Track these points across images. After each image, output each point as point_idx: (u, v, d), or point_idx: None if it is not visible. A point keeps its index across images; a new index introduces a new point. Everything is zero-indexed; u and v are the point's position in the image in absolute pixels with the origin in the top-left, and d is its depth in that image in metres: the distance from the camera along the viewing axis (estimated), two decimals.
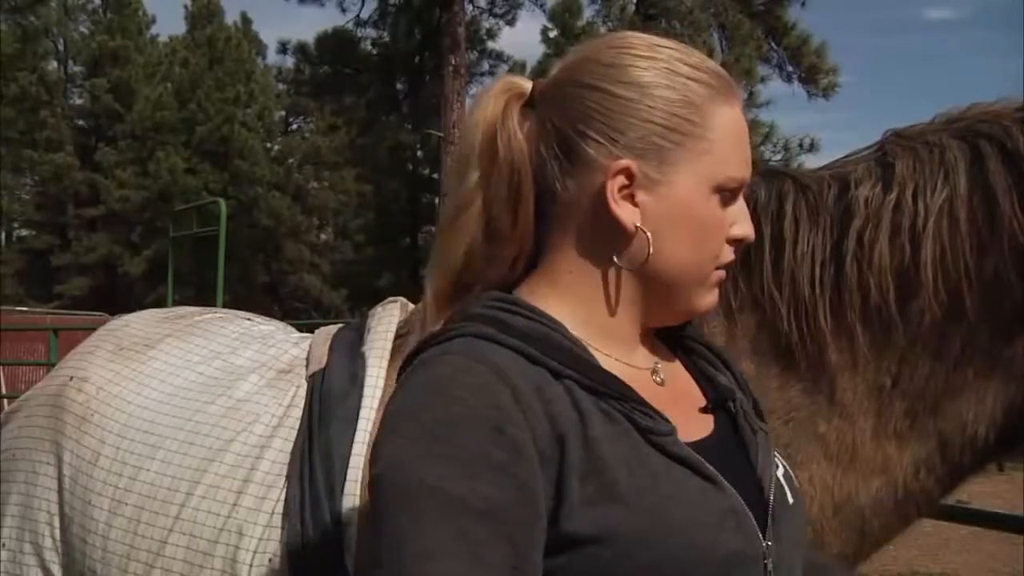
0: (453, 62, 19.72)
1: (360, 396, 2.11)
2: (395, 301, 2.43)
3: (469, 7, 22.66)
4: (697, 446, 1.24)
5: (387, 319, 2.32)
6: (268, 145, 40.30)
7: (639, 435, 1.18)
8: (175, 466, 2.20)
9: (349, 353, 2.26)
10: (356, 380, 2.16)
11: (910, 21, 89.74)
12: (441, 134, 19.80)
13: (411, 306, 2.45)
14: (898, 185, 1.80)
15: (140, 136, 37.95)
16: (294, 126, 44.72)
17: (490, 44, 27.38)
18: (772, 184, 1.96)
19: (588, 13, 23.90)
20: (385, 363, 2.19)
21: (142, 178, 36.95)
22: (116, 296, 35.14)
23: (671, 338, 1.44)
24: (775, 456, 1.38)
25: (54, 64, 42.57)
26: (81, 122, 42.75)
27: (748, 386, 1.46)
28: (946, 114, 1.90)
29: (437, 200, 22.83)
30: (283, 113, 43.54)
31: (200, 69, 37.67)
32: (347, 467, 2.00)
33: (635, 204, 1.27)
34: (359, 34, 24.00)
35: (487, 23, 26.33)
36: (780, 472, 1.36)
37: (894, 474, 1.81)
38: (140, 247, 37.83)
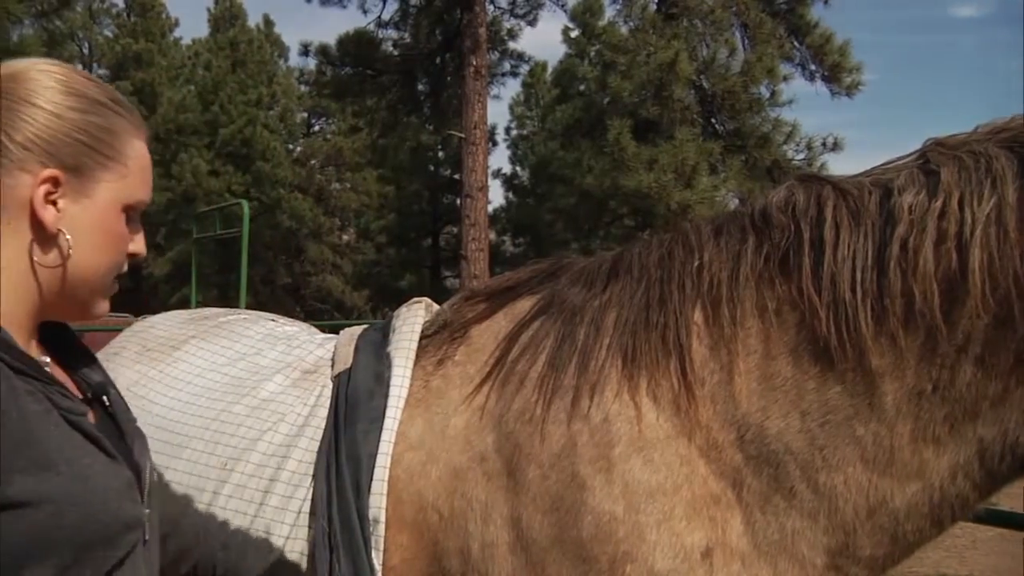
0: (474, 63, 19.70)
1: (386, 395, 2.13)
2: (419, 302, 2.44)
3: (490, 8, 22.65)
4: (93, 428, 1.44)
5: (412, 320, 2.33)
6: (290, 147, 40.44)
7: (59, 413, 1.36)
8: (201, 465, 2.22)
9: (374, 353, 2.27)
10: (382, 380, 2.17)
11: (935, 18, 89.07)
12: (462, 135, 19.78)
13: (435, 306, 2.45)
14: (944, 192, 1.80)
15: (163, 138, 38.11)
16: (316, 127, 44.81)
17: (511, 44, 27.26)
18: (810, 189, 1.97)
19: (609, 12, 23.92)
20: (411, 363, 2.20)
21: (166, 180, 37.09)
22: (140, 297, 35.30)
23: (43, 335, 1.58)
24: (147, 446, 1.61)
25: (79, 67, 42.80)
26: None
27: (116, 385, 1.66)
28: (989, 124, 1.90)
29: (459, 200, 22.80)
30: (305, 115, 43.65)
31: (223, 71, 37.84)
32: (374, 465, 2.02)
33: (58, 210, 1.44)
34: (380, 35, 24.00)
35: (508, 23, 26.25)
36: (152, 461, 1.60)
37: (931, 479, 1.80)
38: (164, 248, 38.00)
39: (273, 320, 2.72)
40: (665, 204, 18.63)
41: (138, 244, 1.58)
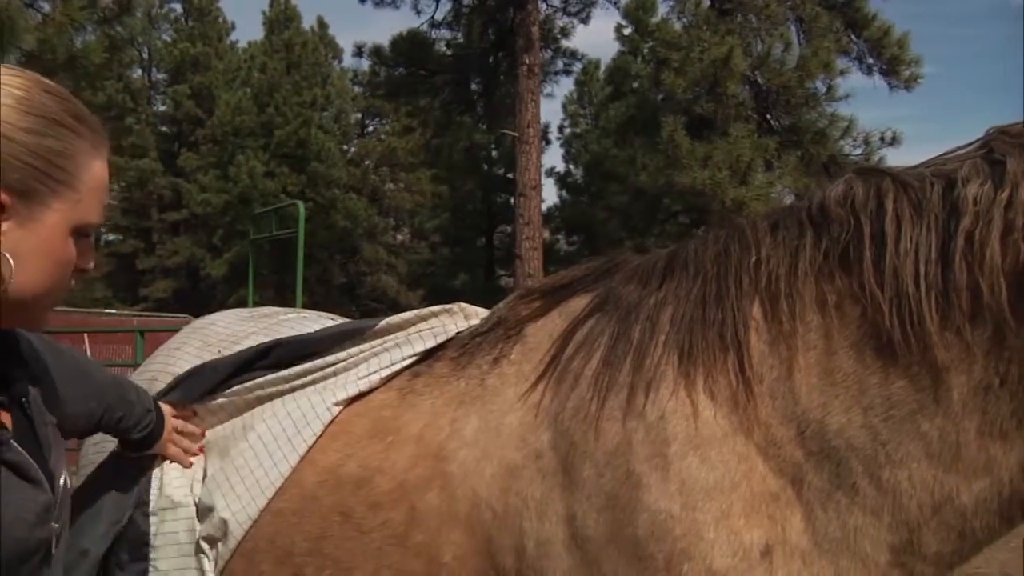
0: (527, 61, 19.71)
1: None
2: (448, 310, 2.47)
3: (543, 6, 22.66)
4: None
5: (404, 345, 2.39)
6: (345, 147, 40.82)
7: None
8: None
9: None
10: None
11: (995, 8, 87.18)
12: (516, 134, 19.80)
13: (474, 310, 2.47)
14: (1010, 183, 1.75)
15: (220, 140, 38.67)
16: (370, 128, 45.18)
17: (564, 43, 27.23)
18: (869, 182, 1.93)
19: (662, 9, 23.80)
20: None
21: (222, 182, 37.64)
22: (198, 298, 35.85)
23: None
24: (63, 447, 1.64)
25: (139, 72, 43.60)
26: (164, 128, 43.75)
27: (46, 375, 1.72)
28: None
29: (512, 200, 22.82)
30: (359, 115, 44.03)
31: (278, 73, 38.27)
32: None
33: (1, 232, 1.42)
34: (433, 35, 24.13)
35: (561, 21, 26.23)
36: (62, 461, 1.63)
37: (999, 475, 1.76)
38: (221, 250, 38.55)
39: (331, 319, 2.76)
40: (720, 201, 18.52)
41: (85, 260, 1.57)
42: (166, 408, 2.27)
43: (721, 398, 1.92)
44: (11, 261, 1.43)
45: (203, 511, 2.26)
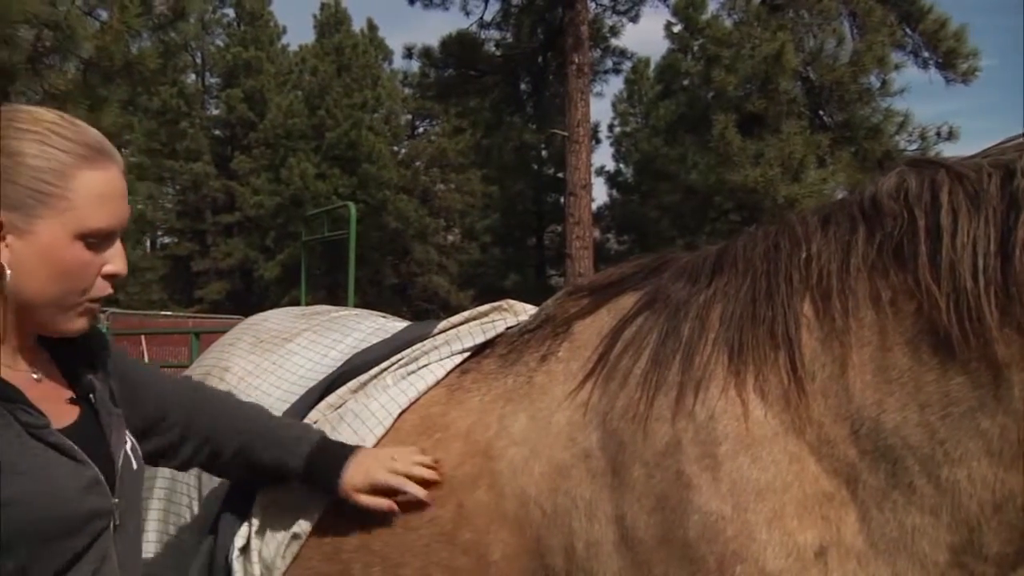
0: (576, 60, 19.66)
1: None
2: (498, 308, 2.47)
3: (592, 5, 22.57)
4: (67, 430, 1.68)
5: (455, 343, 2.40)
6: (395, 149, 41.07)
7: (21, 427, 1.59)
8: None
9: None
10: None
11: None
12: (566, 133, 19.77)
13: (523, 307, 2.47)
14: None
15: (272, 143, 39.13)
16: (420, 129, 45.40)
17: (613, 41, 27.12)
18: (923, 174, 1.89)
19: (713, 6, 23.56)
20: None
21: (275, 184, 38.08)
22: (252, 299, 36.27)
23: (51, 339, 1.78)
24: (126, 433, 1.81)
25: (192, 77, 44.18)
26: (217, 132, 44.31)
27: (110, 376, 1.87)
28: None
29: (563, 199, 22.80)
30: (409, 117, 44.28)
31: (329, 76, 38.63)
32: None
33: (7, 246, 1.61)
34: (483, 36, 24.17)
35: (610, 20, 26.14)
36: (128, 446, 1.80)
37: None
38: (274, 251, 38.98)
39: (384, 317, 2.79)
40: (772, 199, 18.36)
41: (116, 265, 1.72)
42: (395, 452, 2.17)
43: (772, 397, 1.89)
44: (7, 270, 1.62)
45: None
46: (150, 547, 2.51)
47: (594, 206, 23.42)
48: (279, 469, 2.13)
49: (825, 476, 1.82)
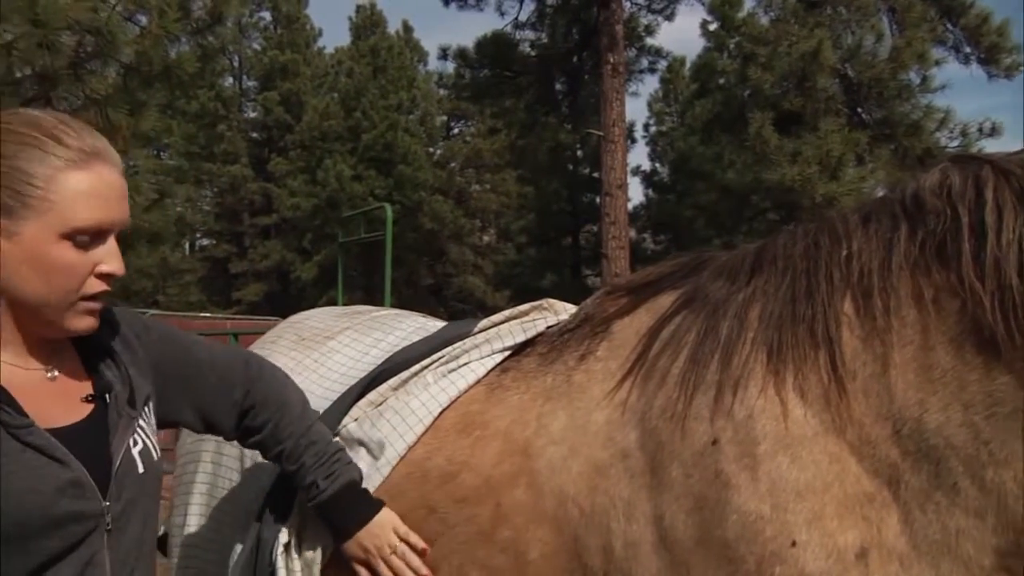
0: (611, 60, 19.61)
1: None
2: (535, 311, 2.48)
3: (627, 4, 22.52)
4: (65, 429, 1.69)
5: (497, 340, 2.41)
6: (430, 150, 41.15)
7: (2, 428, 1.59)
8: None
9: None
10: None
11: None
12: (601, 133, 19.73)
13: (563, 306, 2.47)
14: None
15: (309, 146, 39.33)
16: (455, 130, 45.48)
17: (648, 40, 27.08)
18: (967, 170, 1.86)
19: (749, 4, 23.41)
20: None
21: (311, 186, 38.26)
22: (289, 301, 36.49)
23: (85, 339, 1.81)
24: (139, 434, 1.79)
25: (230, 80, 44.56)
26: (255, 134, 44.61)
27: (130, 376, 1.85)
28: None
29: (598, 199, 22.75)
30: (444, 118, 44.36)
31: (364, 78, 38.77)
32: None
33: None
34: (517, 36, 24.19)
35: (645, 19, 26.08)
36: (138, 449, 1.77)
37: None
38: (311, 253, 39.19)
39: (424, 317, 2.80)
40: (810, 197, 18.19)
41: (109, 264, 1.72)
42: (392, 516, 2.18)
43: (812, 396, 1.87)
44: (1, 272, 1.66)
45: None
46: (192, 532, 2.54)
47: (630, 206, 23.39)
48: (302, 482, 2.15)
49: (866, 476, 1.80)
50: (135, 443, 1.78)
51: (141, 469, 1.78)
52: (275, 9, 43.65)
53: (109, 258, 1.72)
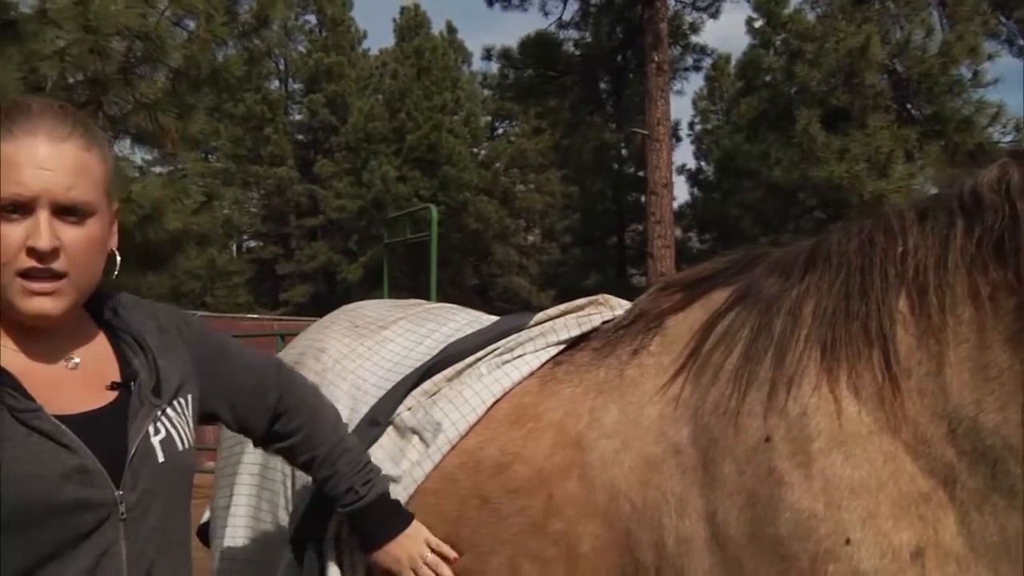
0: (656, 59, 19.56)
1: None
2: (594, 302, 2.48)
3: (671, 2, 22.45)
4: (79, 416, 1.66)
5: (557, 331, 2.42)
6: (475, 150, 41.24)
7: (6, 411, 1.58)
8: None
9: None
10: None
11: None
12: (646, 132, 19.68)
13: (619, 301, 2.48)
14: None
15: (354, 147, 39.61)
16: (500, 131, 45.53)
17: (693, 38, 26.98)
18: None
19: (795, 0, 23.23)
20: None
21: (357, 187, 38.53)
22: (335, 302, 36.58)
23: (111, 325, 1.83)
24: (162, 423, 1.75)
25: (276, 83, 44.96)
26: (300, 136, 44.98)
27: (159, 366, 1.81)
28: None
29: (643, 198, 22.69)
30: (489, 118, 44.43)
31: (409, 79, 38.95)
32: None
33: None
34: (561, 36, 24.22)
35: (690, 17, 26.01)
36: (160, 438, 1.73)
37: None
38: (357, 254, 39.45)
39: (471, 313, 2.82)
40: (858, 195, 18.01)
41: (33, 239, 1.64)
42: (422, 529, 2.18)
43: (866, 394, 1.86)
44: None
45: None
46: (239, 531, 2.55)
47: (675, 204, 23.30)
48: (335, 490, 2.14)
49: (921, 476, 1.79)
50: (156, 431, 1.74)
51: (161, 458, 1.73)
52: (320, 12, 43.97)
53: (34, 233, 1.63)
